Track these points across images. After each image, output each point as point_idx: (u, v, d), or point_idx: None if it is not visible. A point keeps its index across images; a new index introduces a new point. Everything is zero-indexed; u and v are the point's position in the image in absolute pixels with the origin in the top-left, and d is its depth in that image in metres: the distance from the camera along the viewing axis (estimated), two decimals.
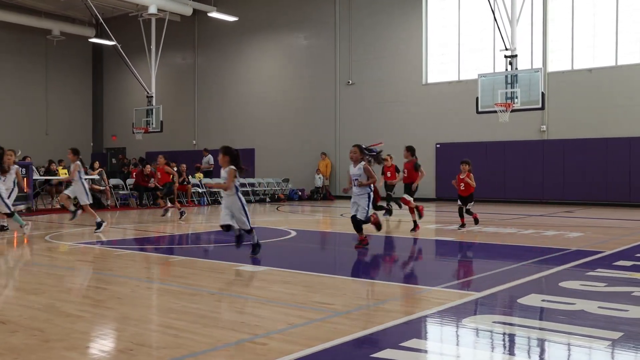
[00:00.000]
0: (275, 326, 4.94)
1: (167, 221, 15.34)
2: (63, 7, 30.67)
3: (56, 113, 33.37)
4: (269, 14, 27.98)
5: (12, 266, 8.45)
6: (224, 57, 29.79)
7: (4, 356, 4.19)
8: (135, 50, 27.75)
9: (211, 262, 8.47)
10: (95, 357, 4.25)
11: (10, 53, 31.34)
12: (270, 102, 28.19)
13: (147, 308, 5.84)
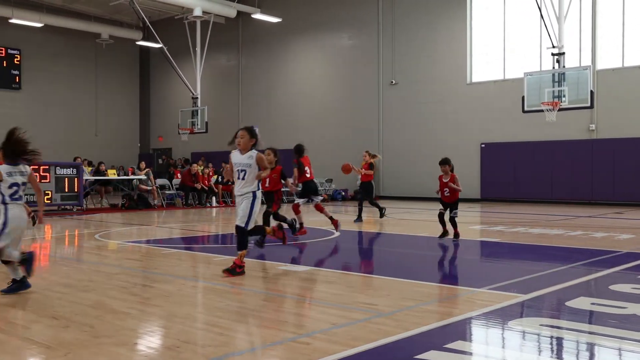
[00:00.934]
0: (318, 326, 4.94)
1: (212, 221, 15.53)
2: (112, 12, 31.31)
3: (105, 115, 34.09)
4: (312, 15, 28.02)
5: (63, 264, 8.66)
6: (267, 58, 29.96)
7: (56, 350, 4.30)
8: (181, 52, 28.15)
9: (255, 262, 8.51)
10: (143, 354, 4.33)
11: (62, 56, 32.14)
12: (313, 102, 28.24)
13: (193, 306, 5.91)
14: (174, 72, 27.29)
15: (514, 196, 22.61)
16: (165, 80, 34.19)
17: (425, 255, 9.68)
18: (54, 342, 4.54)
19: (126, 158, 33.04)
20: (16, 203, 6.13)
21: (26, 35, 30.13)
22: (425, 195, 24.36)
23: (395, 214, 17.41)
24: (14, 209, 6.10)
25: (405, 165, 25.14)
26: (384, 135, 25.91)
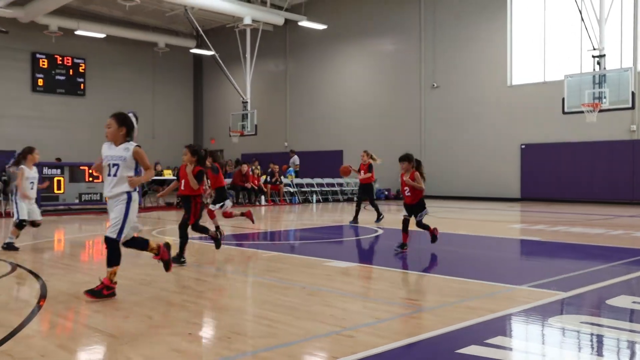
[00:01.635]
0: (362, 320, 4.94)
1: (261, 218, 15.64)
2: (168, 22, 31.87)
3: (161, 118, 34.72)
4: (356, 22, 27.98)
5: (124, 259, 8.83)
6: (313, 64, 30.05)
7: (118, 338, 4.41)
8: (232, 58, 28.47)
9: (302, 258, 8.55)
10: (197, 343, 4.40)
11: (122, 65, 32.88)
12: (357, 105, 28.19)
13: (243, 299, 5.97)
14: (225, 77, 27.61)
15: (554, 196, 22.15)
16: (217, 86, 34.62)
17: (465, 253, 9.56)
18: (116, 330, 4.66)
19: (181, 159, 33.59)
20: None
21: (90, 46, 30.92)
22: (465, 194, 24.10)
23: (436, 213, 17.25)
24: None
25: (446, 165, 24.89)
26: (425, 136, 25.70)
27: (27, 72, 29.86)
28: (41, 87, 30.20)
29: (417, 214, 9.11)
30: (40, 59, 30.11)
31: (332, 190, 24.65)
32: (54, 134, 29.76)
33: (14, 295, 5.96)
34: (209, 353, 4.13)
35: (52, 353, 4.09)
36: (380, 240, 10.96)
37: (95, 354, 4.17)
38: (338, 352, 4.05)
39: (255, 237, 11.94)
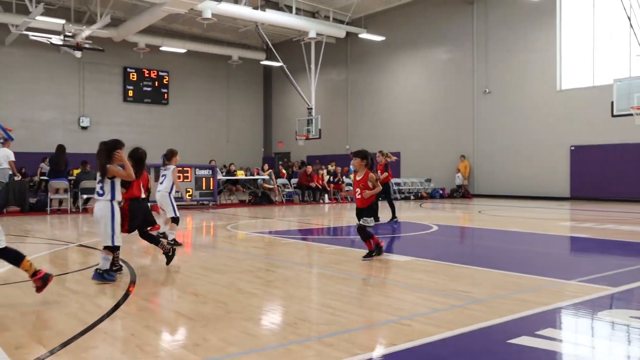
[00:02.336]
0: (418, 310, 4.89)
1: (325, 215, 15.69)
2: (241, 37, 32.42)
3: (235, 124, 35.34)
4: (413, 33, 27.68)
5: (202, 250, 9.06)
6: (372, 72, 29.92)
7: (196, 322, 4.52)
8: (298, 69, 28.68)
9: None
10: (266, 328, 4.45)
11: (200, 76, 33.66)
12: (413, 110, 27.90)
13: (308, 289, 6.01)
14: (292, 86, 27.85)
15: (603, 195, 21.26)
16: (284, 94, 34.97)
17: (516, 248, 9.30)
18: (195, 314, 4.77)
19: (252, 161, 34.09)
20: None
21: (173, 60, 31.80)
22: (516, 193, 23.48)
23: (488, 211, 16.88)
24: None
25: (497, 166, 24.33)
26: (477, 139, 25.17)
27: (120, 84, 30.97)
28: (131, 97, 31.26)
29: (360, 219, 7.38)
30: (131, 73, 31.17)
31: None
32: (142, 138, 30.71)
33: None
34: (277, 337, 4.18)
35: (140, 332, 4.23)
36: (436, 236, 10.81)
37: (176, 334, 4.29)
38: (395, 340, 4.02)
39: (319, 232, 11.99)
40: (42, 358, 3.67)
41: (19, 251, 5.22)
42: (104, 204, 5.96)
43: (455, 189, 25.13)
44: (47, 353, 3.76)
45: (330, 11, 27.49)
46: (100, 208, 5.96)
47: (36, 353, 3.76)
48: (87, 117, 29.71)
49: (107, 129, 29.90)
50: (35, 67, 28.01)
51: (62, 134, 27.51)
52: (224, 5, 22.87)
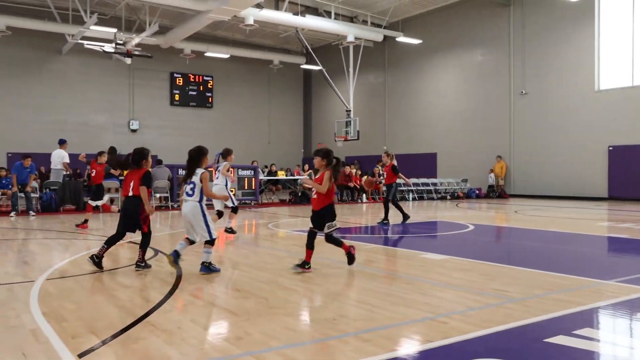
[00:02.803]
0: (455, 308, 4.83)
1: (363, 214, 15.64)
2: (281, 42, 32.61)
3: (276, 126, 35.58)
4: (449, 36, 27.34)
5: (244, 247, 9.15)
6: (409, 75, 29.68)
7: (239, 316, 4.57)
8: (337, 72, 28.68)
9: (399, 250, 8.47)
10: (306, 323, 4.47)
11: (243, 80, 34.01)
12: (449, 111, 27.56)
13: (347, 286, 6.00)
14: (331, 89, 27.87)
15: None
16: (323, 96, 35.02)
17: (554, 248, 9.07)
18: (237, 309, 4.82)
19: (292, 161, 34.26)
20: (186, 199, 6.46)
21: (217, 65, 32.23)
22: (553, 193, 22.94)
23: (525, 211, 16.54)
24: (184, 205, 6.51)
25: (534, 166, 23.80)
26: (514, 139, 24.69)
27: (167, 89, 31.56)
28: (177, 101, 31.82)
29: (323, 226, 6.55)
30: (177, 78, 31.72)
31: (426, 189, 24.26)
32: (187, 140, 31.15)
33: (156, 276, 6.31)
34: (316, 332, 4.19)
35: (186, 326, 4.30)
36: (472, 235, 10.66)
37: (220, 328, 4.35)
38: (432, 337, 3.98)
39: (357, 230, 11.97)
40: (95, 347, 3.78)
41: None
42: (192, 205, 6.37)
43: (490, 189, 24.71)
44: (100, 343, 3.87)
45: (368, 16, 27.40)
46: (190, 208, 6.37)
47: (90, 343, 3.87)
48: (137, 120, 30.38)
49: (155, 132, 30.57)
50: (89, 74, 28.80)
51: (112, 136, 28.20)
52: (266, 11, 23.06)
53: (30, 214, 14.96)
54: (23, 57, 26.87)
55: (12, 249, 8.90)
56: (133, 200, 6.64)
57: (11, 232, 11.23)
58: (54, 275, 6.38)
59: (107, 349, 3.76)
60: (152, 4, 23.43)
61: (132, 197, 6.65)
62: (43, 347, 3.79)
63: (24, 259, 7.82)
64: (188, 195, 6.43)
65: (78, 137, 26.83)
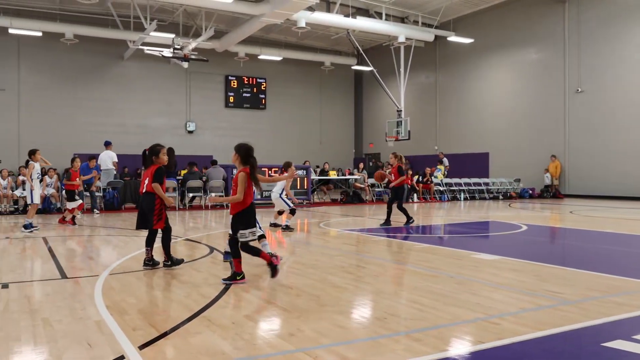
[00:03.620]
0: (507, 309, 4.71)
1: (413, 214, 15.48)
2: (333, 44, 32.65)
3: (327, 126, 35.65)
4: (501, 34, 26.68)
5: (297, 246, 9.21)
6: (461, 74, 29.16)
7: (291, 313, 4.61)
8: (387, 72, 28.49)
9: (450, 250, 8.34)
10: (357, 321, 4.46)
11: (295, 82, 34.26)
12: (502, 110, 26.89)
13: (397, 285, 5.95)
14: (381, 89, 27.70)
15: None
16: (374, 97, 34.84)
17: (612, 250, 8.71)
18: (289, 306, 4.86)
19: (344, 161, 34.26)
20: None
21: (270, 67, 32.59)
22: (610, 194, 22.05)
23: (580, 211, 15.97)
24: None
25: (590, 166, 22.92)
26: (569, 138, 23.86)
27: (222, 91, 32.14)
28: (232, 103, 32.35)
29: (235, 233, 5.81)
30: (232, 80, 32.26)
31: (478, 189, 23.78)
32: (241, 141, 31.69)
33: (211, 273, 6.44)
34: (367, 331, 4.18)
35: (240, 321, 4.37)
36: (524, 235, 10.37)
37: (272, 324, 4.39)
38: (484, 337, 3.90)
39: (408, 230, 11.85)
40: (154, 340, 3.89)
41: None
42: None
43: (545, 189, 23.98)
44: (159, 336, 3.99)
45: (419, 16, 27.09)
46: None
47: (150, 335, 3.99)
48: (193, 122, 31.08)
49: (210, 133, 31.20)
50: (149, 78, 29.67)
51: (170, 137, 28.93)
52: (317, 14, 23.14)
53: (94, 212, 15.56)
54: (88, 63, 27.95)
55: (79, 244, 9.28)
56: (146, 198, 6.62)
57: (77, 229, 11.70)
58: (116, 271, 6.61)
59: (166, 342, 3.86)
60: (208, 10, 23.94)
61: (145, 193, 6.63)
62: (107, 338, 3.93)
63: (89, 255, 8.14)
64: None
65: (137, 139, 27.69)
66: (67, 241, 9.59)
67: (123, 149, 26.81)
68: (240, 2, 21.72)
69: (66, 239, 9.85)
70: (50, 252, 8.20)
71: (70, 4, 24.54)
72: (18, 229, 11.35)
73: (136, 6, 22.92)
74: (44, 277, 5.95)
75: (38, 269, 6.86)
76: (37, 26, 24.19)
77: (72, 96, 27.67)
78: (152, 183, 6.56)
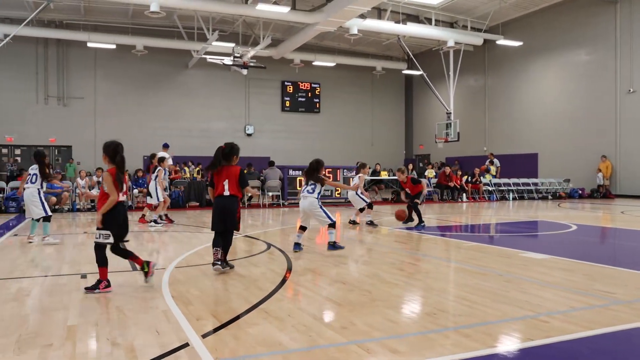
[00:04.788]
0: (556, 307, 4.56)
1: (462, 213, 15.18)
2: (384, 49, 32.45)
3: (378, 129, 35.46)
4: (551, 37, 25.79)
5: (348, 243, 9.19)
6: (510, 76, 28.36)
7: (344, 307, 4.62)
8: (437, 76, 28.07)
9: (499, 249, 8.14)
10: (407, 316, 4.43)
11: (347, 86, 34.24)
12: (551, 111, 25.98)
13: (447, 282, 5.86)
14: (431, 92, 27.32)
15: None
16: (424, 100, 34.40)
17: None
18: (342, 300, 4.88)
19: (394, 162, 33.99)
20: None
21: (324, 73, 32.72)
22: None
23: (632, 212, 15.24)
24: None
25: None
26: (620, 139, 22.80)
27: (278, 96, 32.52)
28: (288, 107, 32.67)
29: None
30: (287, 86, 32.58)
31: (527, 189, 23.08)
32: (296, 143, 32.06)
33: (269, 268, 6.53)
34: (417, 325, 4.14)
35: (295, 314, 4.42)
36: (574, 235, 9.99)
37: (326, 317, 4.41)
38: (533, 335, 3.79)
39: (457, 229, 11.64)
40: (216, 329, 3.99)
41: None
42: (311, 200, 7.62)
43: (596, 189, 23.00)
44: (220, 326, 4.08)
45: (468, 20, 26.55)
46: (309, 203, 7.60)
47: (212, 325, 4.09)
48: (252, 125, 31.58)
49: (268, 136, 31.61)
50: (211, 85, 30.37)
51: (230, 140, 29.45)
52: (369, 21, 23.06)
53: None
54: (156, 72, 28.88)
55: (147, 240, 9.60)
56: (230, 199, 6.16)
57: (146, 225, 12.11)
58: (181, 264, 6.81)
59: (226, 332, 3.95)
60: (265, 20, 24.27)
61: (229, 196, 6.17)
62: (173, 327, 4.06)
63: (157, 249, 8.41)
64: (309, 193, 7.66)
65: (200, 142, 28.41)
66: (138, 237, 9.94)
67: (187, 151, 27.52)
68: (296, 12, 21.91)
69: (137, 235, 10.21)
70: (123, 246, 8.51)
71: (140, 18, 25.43)
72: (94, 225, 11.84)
73: (199, 18, 23.51)
74: (116, 269, 6.19)
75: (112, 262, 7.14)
76: (112, 39, 25.22)
77: (141, 102, 28.67)
78: (241, 189, 6.28)
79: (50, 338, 3.79)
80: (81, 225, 12.02)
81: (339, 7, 20.26)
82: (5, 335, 3.85)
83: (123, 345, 3.64)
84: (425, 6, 24.70)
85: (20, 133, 26.49)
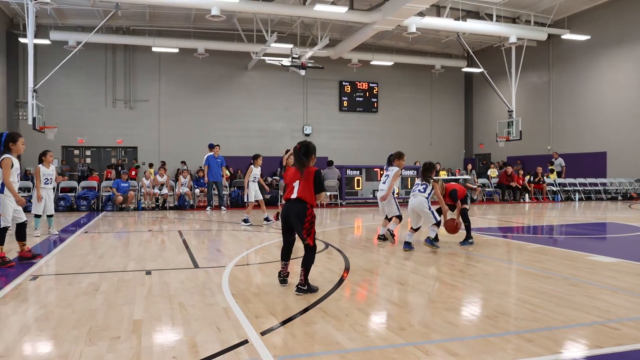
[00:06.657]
0: (628, 314, 4.33)
1: (525, 214, 14.70)
2: (443, 47, 31.88)
3: (437, 128, 34.87)
4: (621, 29, 24.49)
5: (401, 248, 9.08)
6: (576, 72, 27.17)
7: (402, 308, 4.57)
8: (498, 73, 27.30)
9: (564, 251, 7.81)
10: (467, 319, 4.33)
11: (406, 85, 33.86)
12: (621, 108, 24.68)
13: (508, 285, 5.69)
14: (492, 90, 26.60)
15: None
16: (484, 98, 33.53)
17: None
18: (400, 301, 4.83)
19: (454, 162, 33.31)
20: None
21: (381, 72, 32.50)
22: None
23: None
24: None
25: None
26: None
27: (336, 96, 32.57)
28: (345, 107, 32.66)
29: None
30: (345, 85, 32.58)
31: (594, 190, 22.06)
32: (354, 143, 32.02)
33: (327, 267, 6.56)
34: (477, 328, 4.04)
35: (352, 313, 4.41)
36: None
37: (384, 317, 4.38)
38: (602, 342, 3.62)
39: (519, 230, 11.28)
40: (274, 327, 4.04)
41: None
42: (421, 199, 7.92)
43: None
44: (279, 324, 4.13)
45: (531, 15, 25.65)
46: (419, 202, 7.92)
47: (270, 323, 4.15)
48: (310, 125, 31.79)
49: (325, 136, 31.73)
50: (270, 86, 30.82)
51: (289, 140, 29.82)
52: (428, 19, 22.71)
53: (222, 208, 16.45)
54: (217, 74, 29.61)
55: (208, 238, 9.86)
56: (297, 205, 5.22)
57: (207, 224, 12.44)
58: (241, 263, 6.95)
59: (285, 330, 4.00)
60: (323, 20, 24.38)
61: (297, 200, 5.24)
62: (233, 324, 4.14)
63: (218, 247, 8.62)
64: (420, 192, 7.96)
65: (259, 142, 28.87)
66: (199, 235, 10.23)
67: (247, 151, 28.06)
68: (354, 12, 21.88)
69: (198, 233, 10.51)
70: (185, 244, 8.79)
71: (202, 22, 26.15)
72: (158, 223, 12.30)
73: (258, 21, 23.92)
74: (179, 266, 6.39)
75: (175, 259, 7.38)
76: (175, 43, 26.08)
77: (203, 104, 29.46)
78: (316, 194, 5.29)
79: (118, 331, 3.96)
80: (146, 224, 12.50)
81: (397, 6, 20.06)
82: (77, 327, 4.06)
83: (185, 340, 3.75)
84: (486, 2, 24.05)
85: (90, 135, 27.82)
